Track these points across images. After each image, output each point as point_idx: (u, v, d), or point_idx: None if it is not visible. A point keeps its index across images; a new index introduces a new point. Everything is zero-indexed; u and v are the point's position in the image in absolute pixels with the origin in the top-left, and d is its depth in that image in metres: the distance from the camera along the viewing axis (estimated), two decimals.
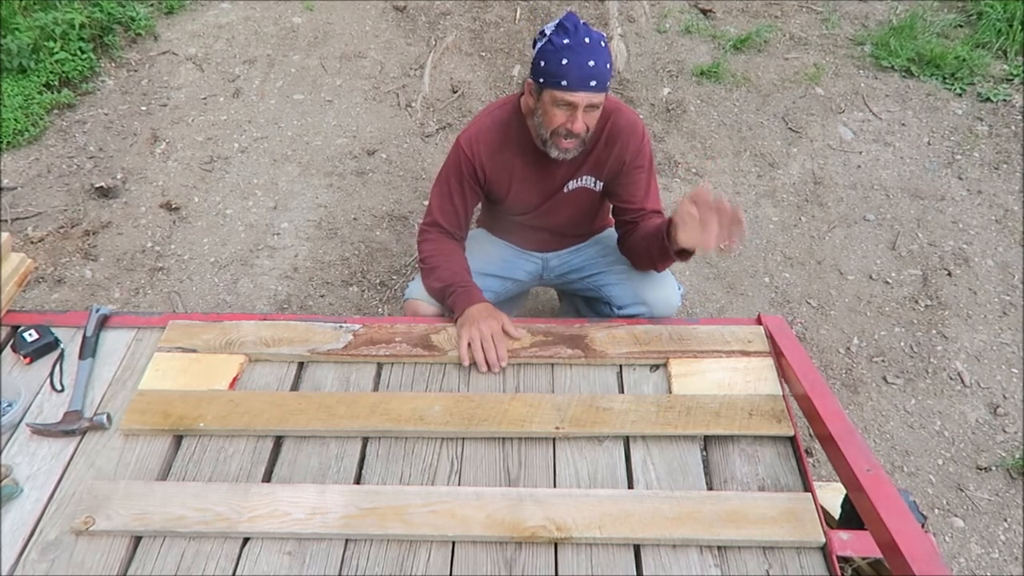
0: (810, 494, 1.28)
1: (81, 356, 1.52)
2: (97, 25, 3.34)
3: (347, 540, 1.23)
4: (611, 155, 1.70)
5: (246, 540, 1.23)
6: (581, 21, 1.51)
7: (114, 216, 2.79)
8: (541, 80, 1.51)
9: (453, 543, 1.22)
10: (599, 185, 1.77)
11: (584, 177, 1.75)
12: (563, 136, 1.55)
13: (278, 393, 1.46)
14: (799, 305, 2.58)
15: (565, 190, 1.77)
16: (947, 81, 3.37)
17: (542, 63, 1.49)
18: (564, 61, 1.46)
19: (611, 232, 1.92)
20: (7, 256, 1.62)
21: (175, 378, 1.47)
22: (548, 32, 1.51)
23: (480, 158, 1.70)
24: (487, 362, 1.51)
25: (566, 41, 1.46)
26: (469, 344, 1.52)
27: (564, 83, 1.47)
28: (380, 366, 1.54)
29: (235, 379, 1.48)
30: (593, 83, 1.47)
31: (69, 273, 2.58)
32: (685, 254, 1.54)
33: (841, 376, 2.37)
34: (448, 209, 1.75)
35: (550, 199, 1.79)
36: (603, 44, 1.49)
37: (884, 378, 2.36)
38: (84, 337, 1.55)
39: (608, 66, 1.49)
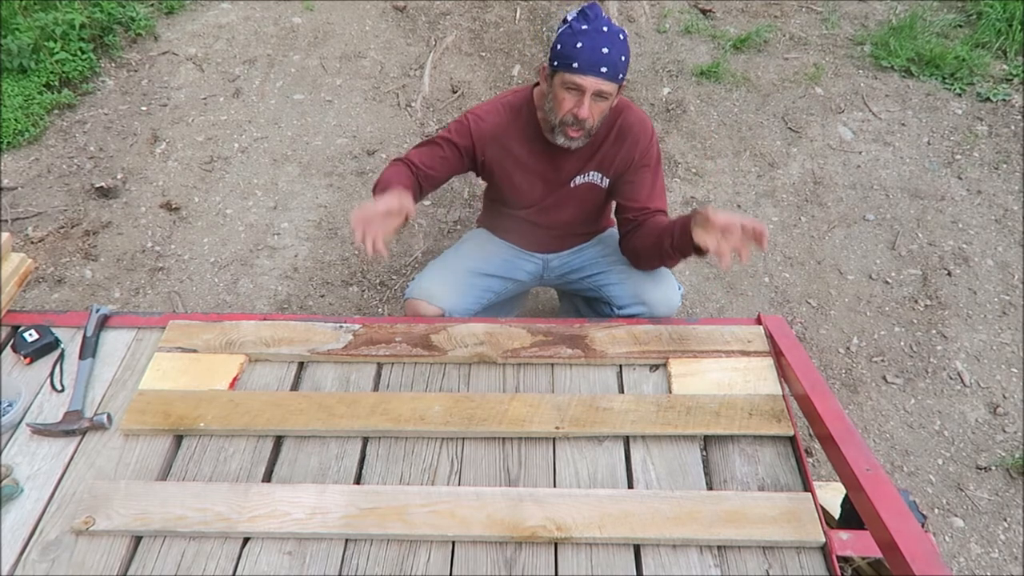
0: (810, 494, 1.28)
1: (81, 356, 1.52)
2: (97, 25, 3.34)
3: (347, 540, 1.23)
4: (619, 152, 1.70)
5: (246, 540, 1.23)
6: (603, 12, 1.52)
7: (114, 216, 2.79)
8: (555, 63, 1.53)
9: (453, 543, 1.23)
10: (605, 182, 1.77)
11: (591, 173, 1.75)
12: (570, 124, 1.55)
13: (278, 393, 1.46)
14: (799, 305, 2.58)
15: (571, 185, 1.77)
16: (947, 81, 3.37)
17: (558, 46, 1.51)
18: (579, 44, 1.47)
19: (612, 232, 1.92)
20: (7, 256, 1.62)
21: (175, 378, 1.47)
22: (570, 19, 1.53)
23: (484, 138, 1.70)
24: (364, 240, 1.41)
25: (584, 27, 1.49)
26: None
27: (575, 65, 1.48)
28: (380, 366, 1.54)
29: (235, 379, 1.49)
30: (604, 69, 1.48)
31: (69, 273, 2.59)
32: (700, 251, 1.55)
33: (841, 376, 2.37)
34: (425, 154, 1.71)
35: (555, 193, 1.79)
36: (622, 37, 1.51)
37: (884, 378, 2.36)
38: (84, 337, 1.55)
39: (623, 59, 1.50)
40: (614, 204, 1.82)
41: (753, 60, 3.52)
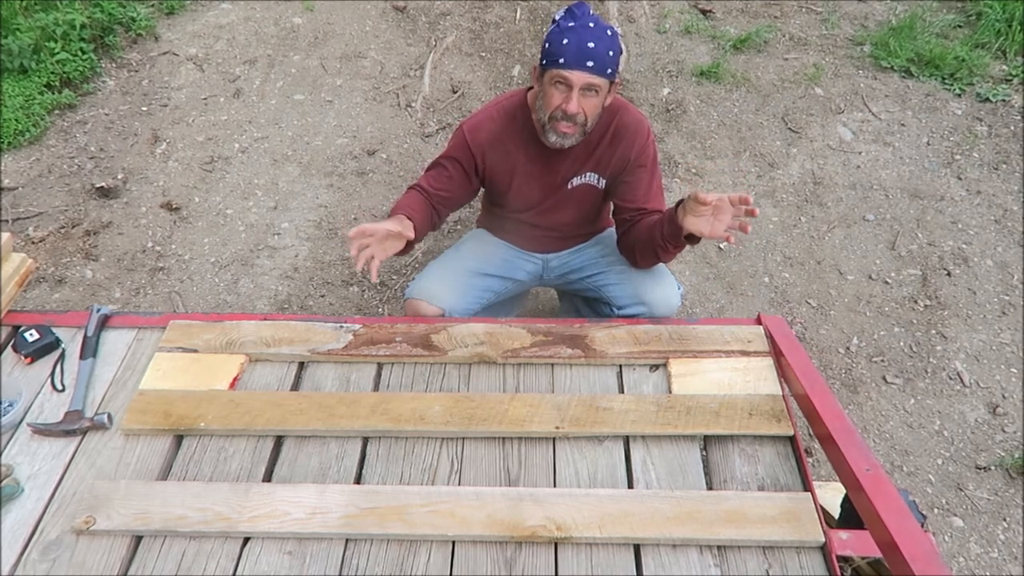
0: (810, 494, 1.28)
1: (82, 356, 1.52)
2: (98, 25, 3.34)
3: (347, 540, 1.23)
4: (615, 153, 1.70)
5: (246, 540, 1.23)
6: (591, 10, 1.52)
7: (115, 216, 2.79)
8: (544, 61, 1.54)
9: (453, 543, 1.23)
10: (602, 183, 1.77)
11: (587, 174, 1.75)
12: (560, 119, 1.55)
13: (278, 393, 1.46)
14: (799, 305, 2.58)
15: (568, 187, 1.77)
16: (946, 81, 3.37)
17: (547, 45, 1.53)
18: (565, 41, 1.49)
19: (611, 232, 1.92)
20: (8, 256, 1.62)
21: (176, 378, 1.47)
22: (557, 17, 1.54)
23: (482, 147, 1.71)
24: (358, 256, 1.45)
25: (571, 24, 1.50)
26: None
27: (562, 60, 1.49)
28: (380, 366, 1.54)
29: (235, 379, 1.49)
30: (591, 63, 1.48)
31: (70, 273, 2.59)
32: (693, 239, 1.56)
33: (841, 376, 2.37)
34: (433, 177, 1.73)
35: (552, 195, 1.79)
36: (609, 33, 1.51)
37: (884, 378, 2.37)
38: (85, 337, 1.55)
39: (611, 53, 1.50)
40: (612, 204, 1.82)
41: (753, 60, 3.52)
